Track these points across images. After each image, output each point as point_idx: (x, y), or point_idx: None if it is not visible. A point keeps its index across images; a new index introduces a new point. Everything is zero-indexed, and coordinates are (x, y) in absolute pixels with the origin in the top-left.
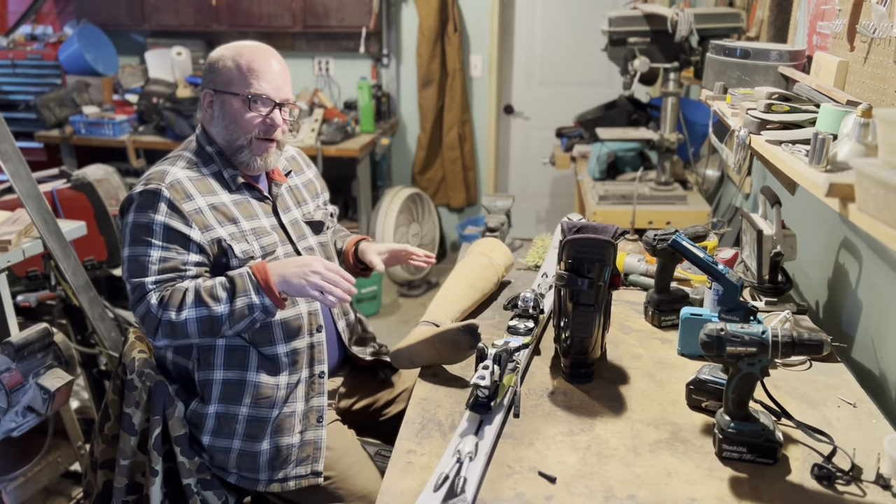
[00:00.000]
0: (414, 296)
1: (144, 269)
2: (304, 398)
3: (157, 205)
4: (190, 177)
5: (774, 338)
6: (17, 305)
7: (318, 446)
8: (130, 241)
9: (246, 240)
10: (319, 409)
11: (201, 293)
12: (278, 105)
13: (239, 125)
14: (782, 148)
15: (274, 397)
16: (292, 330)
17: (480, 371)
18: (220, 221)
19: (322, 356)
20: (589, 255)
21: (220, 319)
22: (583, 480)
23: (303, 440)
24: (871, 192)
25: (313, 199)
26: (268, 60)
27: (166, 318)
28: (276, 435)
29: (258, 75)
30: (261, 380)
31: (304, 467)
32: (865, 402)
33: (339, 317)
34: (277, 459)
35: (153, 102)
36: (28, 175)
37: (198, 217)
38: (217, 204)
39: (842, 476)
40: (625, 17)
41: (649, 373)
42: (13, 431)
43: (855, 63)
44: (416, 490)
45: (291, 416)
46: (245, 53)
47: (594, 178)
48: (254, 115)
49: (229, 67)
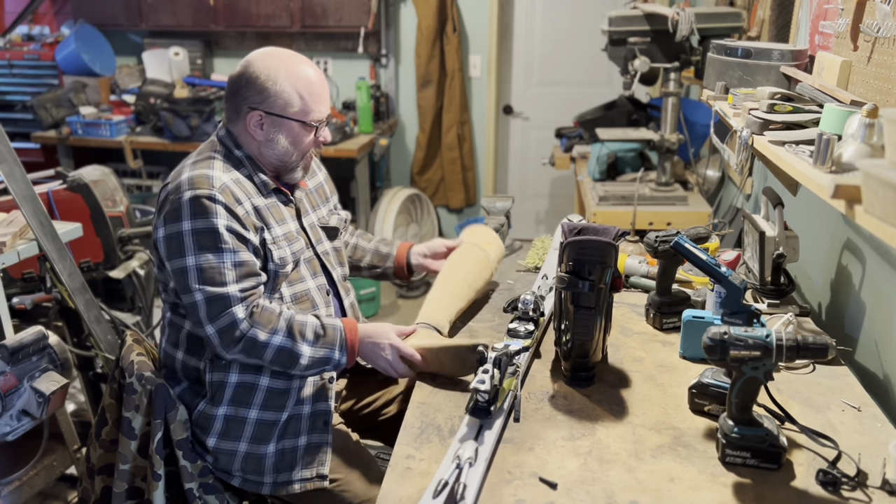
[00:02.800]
0: (413, 297)
1: (222, 275)
2: (311, 401)
3: (216, 209)
4: (233, 179)
5: (779, 341)
6: (13, 308)
7: (324, 450)
8: (196, 250)
9: (279, 246)
10: (326, 414)
11: (293, 325)
12: (326, 122)
13: (298, 148)
14: (786, 149)
15: (284, 401)
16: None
17: (480, 375)
18: (266, 224)
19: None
20: (590, 258)
21: (298, 357)
22: (584, 486)
23: (309, 443)
24: (878, 194)
25: (325, 204)
26: (319, 81)
27: (253, 334)
28: (282, 438)
29: (317, 100)
30: (273, 384)
31: (310, 470)
32: (870, 406)
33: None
34: (283, 462)
35: (150, 103)
36: (23, 176)
37: (249, 220)
38: (260, 207)
39: (847, 481)
40: (625, 16)
41: (651, 376)
42: (8, 435)
43: (858, 62)
44: (415, 496)
45: (298, 419)
46: (299, 75)
47: (594, 179)
48: (310, 137)
49: (287, 92)
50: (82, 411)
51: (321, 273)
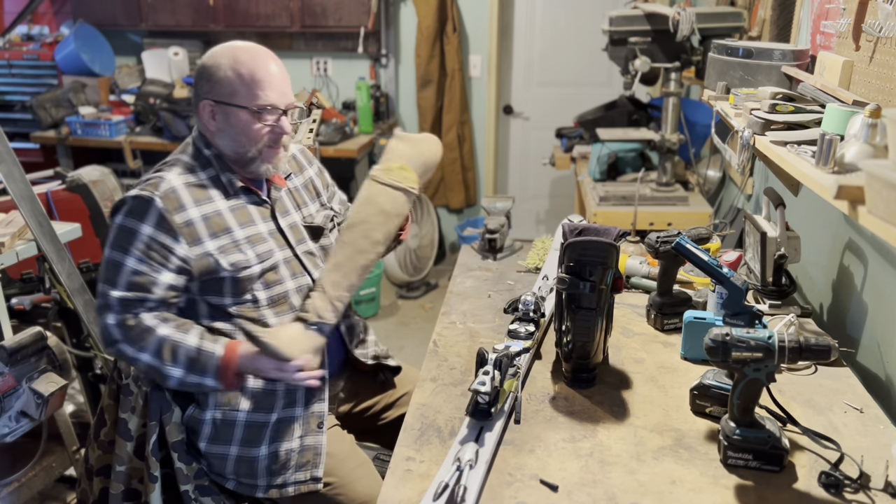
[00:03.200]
0: (413, 297)
1: (115, 276)
2: (304, 403)
3: (148, 214)
4: (187, 183)
5: (781, 343)
6: (11, 308)
7: (318, 452)
8: (112, 244)
9: (240, 249)
10: (320, 415)
11: (163, 348)
12: (285, 112)
13: (249, 137)
14: (787, 149)
15: (272, 402)
16: None
17: (481, 377)
18: (212, 233)
19: (323, 361)
20: (591, 258)
21: (167, 378)
22: (585, 488)
23: (302, 445)
24: (882, 195)
25: (313, 201)
26: (269, 66)
27: (122, 347)
28: (275, 440)
29: (263, 84)
30: (259, 385)
31: (304, 473)
32: (872, 408)
33: (341, 319)
34: (276, 465)
35: (150, 103)
36: (22, 176)
37: (187, 230)
38: (210, 213)
39: (850, 484)
40: (625, 16)
41: (652, 377)
42: (6, 437)
43: (860, 62)
44: (415, 499)
45: (291, 421)
46: (245, 61)
47: (594, 179)
48: (263, 126)
49: (231, 78)
50: (81, 412)
51: (303, 274)
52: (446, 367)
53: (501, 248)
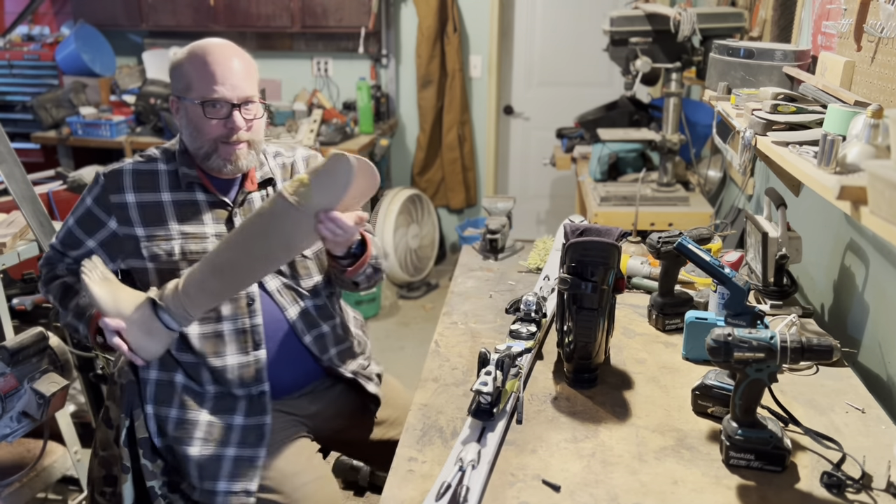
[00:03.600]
0: (414, 297)
1: (60, 231)
2: (244, 413)
3: (93, 189)
4: (137, 170)
5: (783, 343)
6: (13, 309)
7: (255, 465)
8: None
9: (169, 241)
10: (260, 428)
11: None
12: (238, 106)
13: (200, 132)
14: (789, 149)
15: (200, 404)
16: (217, 344)
17: (483, 377)
18: (143, 221)
19: (262, 375)
20: (593, 259)
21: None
22: (588, 489)
23: (238, 456)
24: (884, 195)
25: None
26: (221, 59)
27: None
28: (207, 443)
29: (213, 78)
30: (188, 383)
31: (236, 483)
32: (874, 408)
33: (305, 331)
34: (206, 470)
35: (151, 103)
36: (23, 177)
37: (119, 211)
38: (148, 203)
39: (852, 484)
40: (626, 16)
41: (654, 377)
42: (8, 437)
43: (862, 63)
44: (417, 499)
45: (229, 429)
46: (199, 55)
47: (595, 180)
48: (213, 121)
49: (185, 73)
50: (83, 412)
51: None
52: (448, 367)
53: (503, 248)
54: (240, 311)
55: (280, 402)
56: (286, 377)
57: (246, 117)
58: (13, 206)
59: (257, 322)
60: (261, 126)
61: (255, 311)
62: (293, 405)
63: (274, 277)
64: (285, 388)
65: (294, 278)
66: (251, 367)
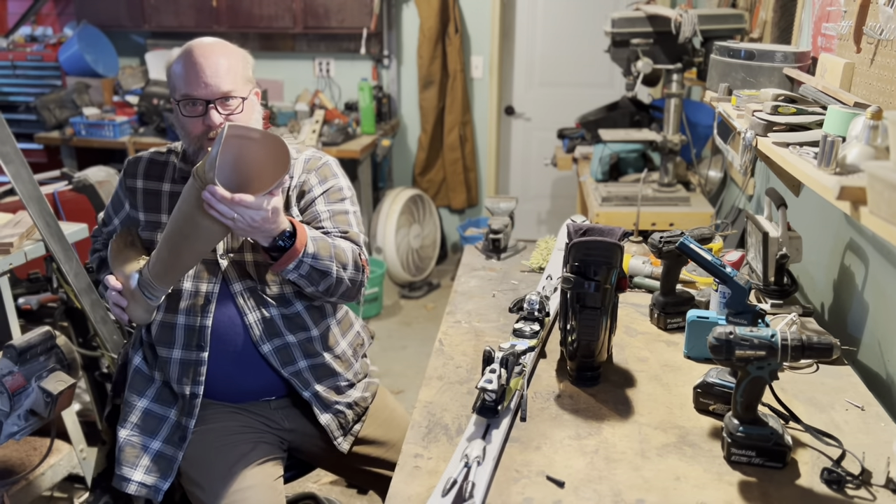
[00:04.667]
0: (415, 297)
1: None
2: (177, 411)
3: (122, 172)
4: (153, 159)
5: (784, 341)
6: (19, 308)
7: (172, 465)
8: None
9: (157, 231)
10: (184, 430)
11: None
12: (213, 102)
13: (185, 131)
14: (790, 150)
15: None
16: (168, 334)
17: (487, 375)
18: (144, 207)
19: (199, 377)
20: (595, 258)
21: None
22: (591, 485)
23: (160, 451)
24: (883, 196)
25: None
26: (199, 58)
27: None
28: (136, 429)
29: (188, 77)
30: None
31: (150, 477)
32: (873, 406)
33: (264, 340)
34: (127, 454)
35: (153, 104)
36: (30, 177)
37: (131, 196)
38: (150, 190)
39: (851, 480)
40: (628, 18)
41: (656, 376)
42: (15, 435)
43: (861, 65)
44: (423, 495)
45: (161, 420)
46: (181, 56)
47: (596, 180)
48: (192, 119)
49: (171, 74)
50: (88, 411)
51: (211, 280)
52: (452, 365)
53: (505, 248)
54: (194, 309)
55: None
56: (242, 383)
57: (223, 112)
58: (19, 206)
59: (206, 323)
60: (245, 120)
61: (208, 312)
62: (267, 415)
63: (238, 280)
64: (243, 394)
65: (260, 283)
66: (191, 366)
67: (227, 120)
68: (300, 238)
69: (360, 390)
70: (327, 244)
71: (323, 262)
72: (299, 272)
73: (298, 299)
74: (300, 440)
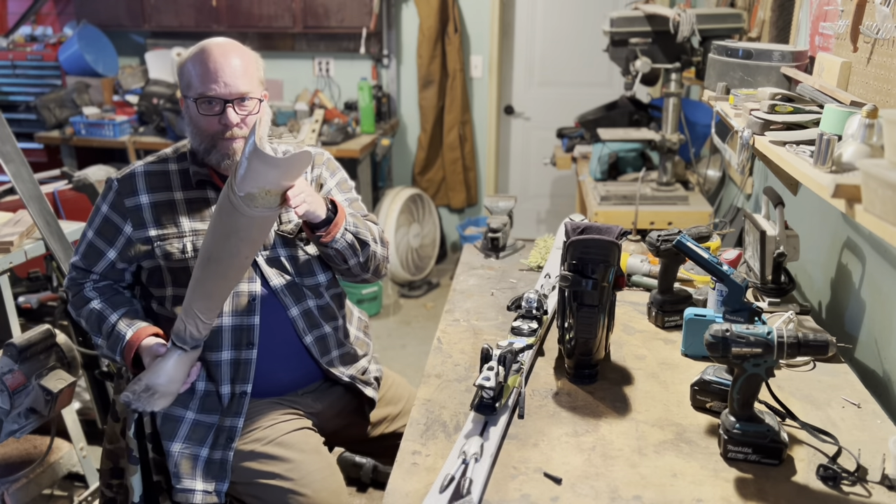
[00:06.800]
0: (415, 296)
1: (79, 245)
2: (219, 413)
3: (108, 194)
4: (149, 171)
5: (780, 339)
6: (19, 306)
7: (225, 468)
8: (89, 218)
9: (181, 239)
10: (231, 430)
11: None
12: (231, 102)
13: (199, 128)
14: (786, 149)
15: (188, 400)
16: (216, 338)
17: (485, 372)
18: (157, 221)
19: (248, 375)
20: (593, 256)
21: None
22: (588, 481)
23: (210, 457)
24: (878, 194)
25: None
26: (218, 57)
27: (70, 308)
28: (188, 441)
29: (207, 75)
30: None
31: (209, 483)
32: (869, 403)
33: (307, 331)
34: (182, 468)
35: (153, 103)
36: (30, 176)
37: (134, 214)
38: (161, 202)
39: (847, 477)
40: (626, 17)
41: (653, 373)
42: (15, 433)
43: (858, 64)
44: (421, 491)
45: (209, 428)
46: (198, 54)
47: (595, 179)
48: (208, 117)
49: (186, 71)
50: (88, 409)
51: (253, 279)
52: (450, 363)
53: (504, 246)
54: (240, 308)
55: (283, 399)
56: (285, 377)
57: (241, 113)
58: (20, 206)
59: (254, 322)
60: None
61: (255, 310)
62: (298, 401)
63: (278, 275)
64: (285, 387)
65: (298, 276)
66: (241, 365)
67: (245, 120)
68: (340, 207)
69: (375, 369)
70: (358, 217)
71: (361, 231)
72: (345, 240)
73: (328, 289)
74: (324, 422)
